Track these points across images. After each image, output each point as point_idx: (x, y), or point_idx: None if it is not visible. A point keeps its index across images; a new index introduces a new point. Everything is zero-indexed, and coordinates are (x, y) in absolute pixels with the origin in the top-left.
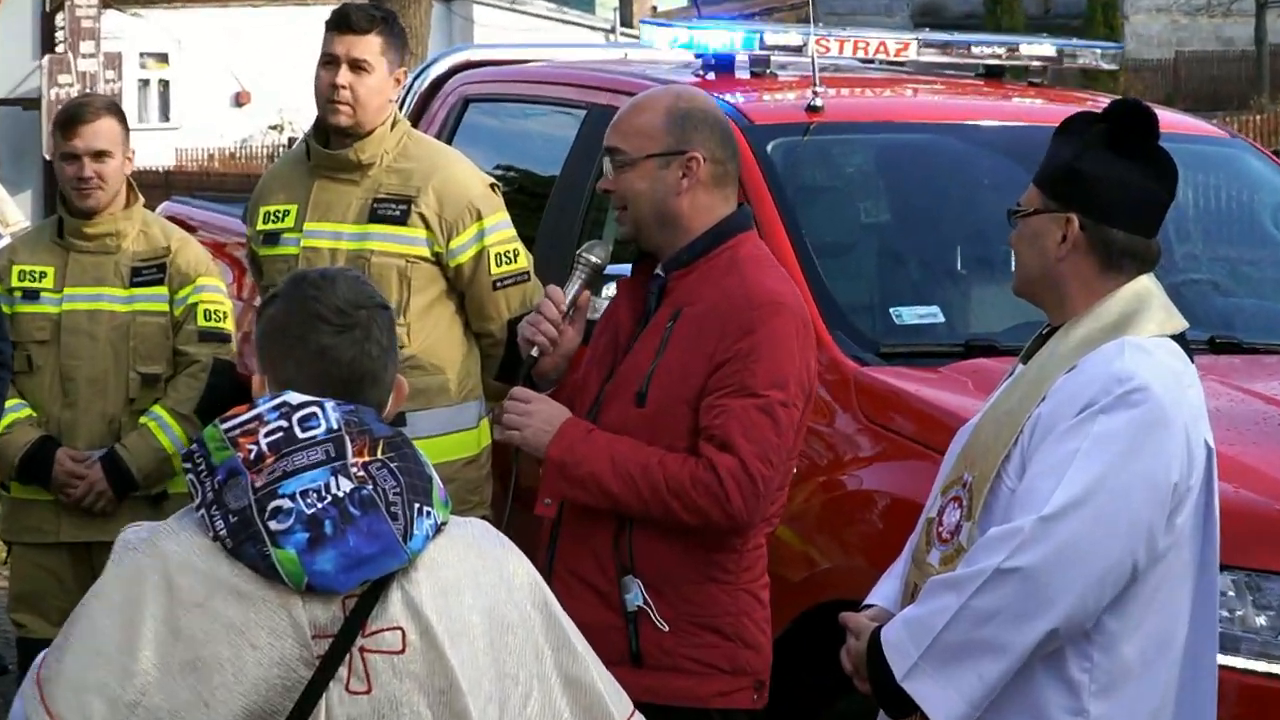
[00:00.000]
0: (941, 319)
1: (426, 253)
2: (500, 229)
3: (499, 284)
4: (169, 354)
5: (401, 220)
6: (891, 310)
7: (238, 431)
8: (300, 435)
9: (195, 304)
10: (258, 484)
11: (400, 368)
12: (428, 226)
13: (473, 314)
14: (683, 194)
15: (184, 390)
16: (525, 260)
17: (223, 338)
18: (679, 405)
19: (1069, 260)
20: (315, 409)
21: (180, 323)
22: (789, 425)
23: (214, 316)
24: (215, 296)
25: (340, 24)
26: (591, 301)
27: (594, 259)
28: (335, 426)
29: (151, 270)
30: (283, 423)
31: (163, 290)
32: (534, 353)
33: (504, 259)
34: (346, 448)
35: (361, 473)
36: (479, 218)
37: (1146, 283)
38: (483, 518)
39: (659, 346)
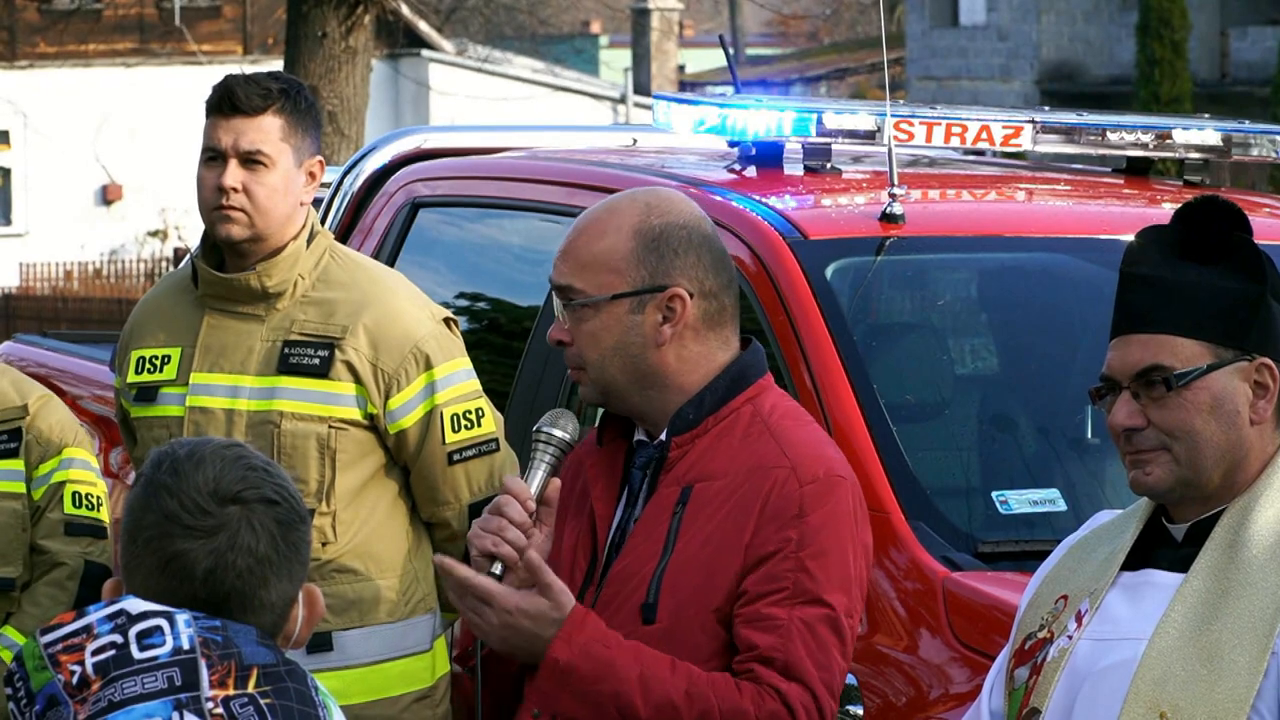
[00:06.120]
0: (1063, 506)
1: (357, 414)
2: (458, 381)
3: (457, 456)
4: (25, 551)
5: (321, 371)
6: (995, 494)
7: (59, 647)
8: (137, 655)
9: (61, 484)
10: (81, 717)
11: (323, 571)
12: (357, 379)
13: (421, 496)
14: (665, 345)
15: (46, 604)
16: (493, 423)
17: (96, 530)
18: (703, 617)
19: (1269, 421)
20: (161, 622)
21: (41, 509)
22: (852, 643)
23: (85, 502)
24: (86, 475)
25: (222, 104)
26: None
27: (561, 434)
28: (186, 646)
29: (1, 438)
30: (116, 637)
31: (17, 465)
32: (495, 569)
33: (463, 422)
34: (200, 675)
35: (219, 709)
36: (427, 366)
37: None
38: None
39: (666, 539)
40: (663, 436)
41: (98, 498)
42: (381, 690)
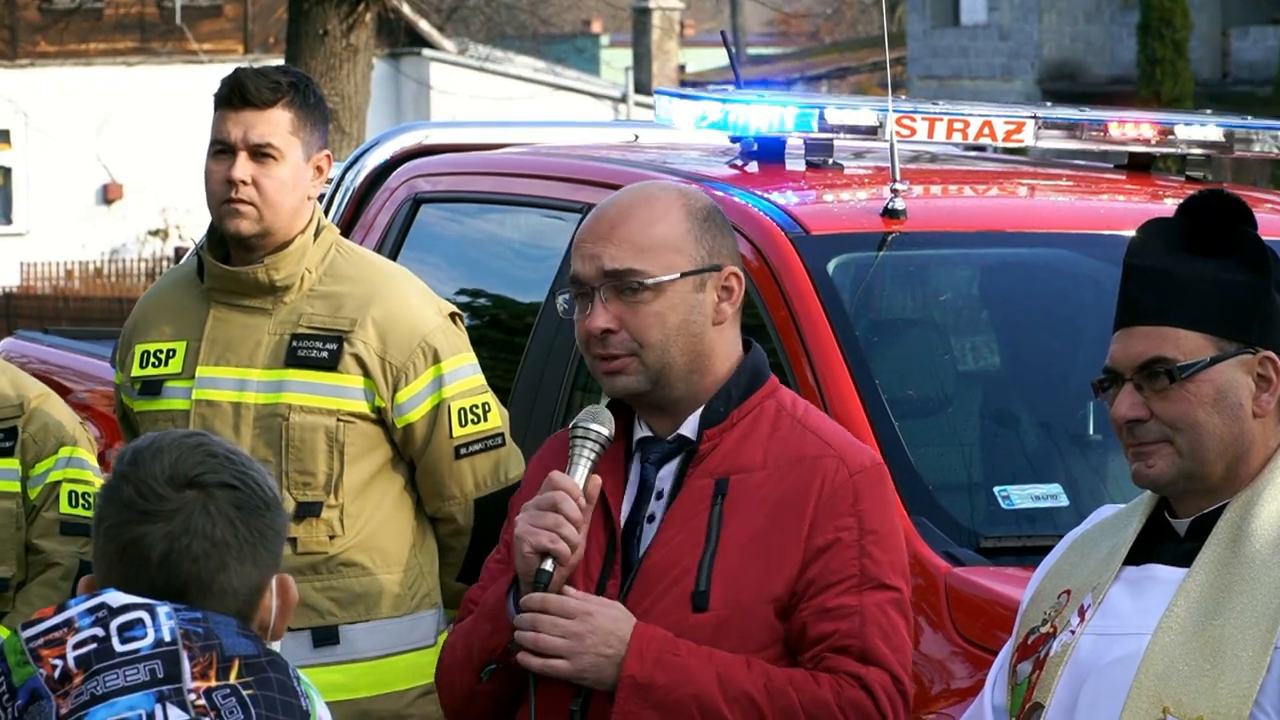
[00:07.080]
0: (1065, 501)
1: (365, 407)
2: (464, 375)
3: (463, 450)
4: (19, 551)
5: (330, 364)
6: (997, 490)
7: (41, 641)
8: (119, 648)
9: (58, 483)
10: (63, 711)
11: (330, 565)
12: (366, 372)
13: (427, 490)
14: (720, 324)
15: (39, 604)
16: (498, 418)
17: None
18: (759, 606)
19: (1272, 415)
20: (142, 614)
21: (37, 508)
22: (912, 625)
23: (83, 501)
24: (84, 474)
25: (232, 97)
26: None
27: (603, 429)
28: (167, 639)
29: None
30: (97, 630)
31: (13, 464)
32: (547, 565)
33: (469, 416)
34: (182, 667)
35: (202, 701)
36: (435, 360)
37: None
38: None
39: (707, 530)
40: (683, 431)
41: (95, 497)
42: (388, 684)
